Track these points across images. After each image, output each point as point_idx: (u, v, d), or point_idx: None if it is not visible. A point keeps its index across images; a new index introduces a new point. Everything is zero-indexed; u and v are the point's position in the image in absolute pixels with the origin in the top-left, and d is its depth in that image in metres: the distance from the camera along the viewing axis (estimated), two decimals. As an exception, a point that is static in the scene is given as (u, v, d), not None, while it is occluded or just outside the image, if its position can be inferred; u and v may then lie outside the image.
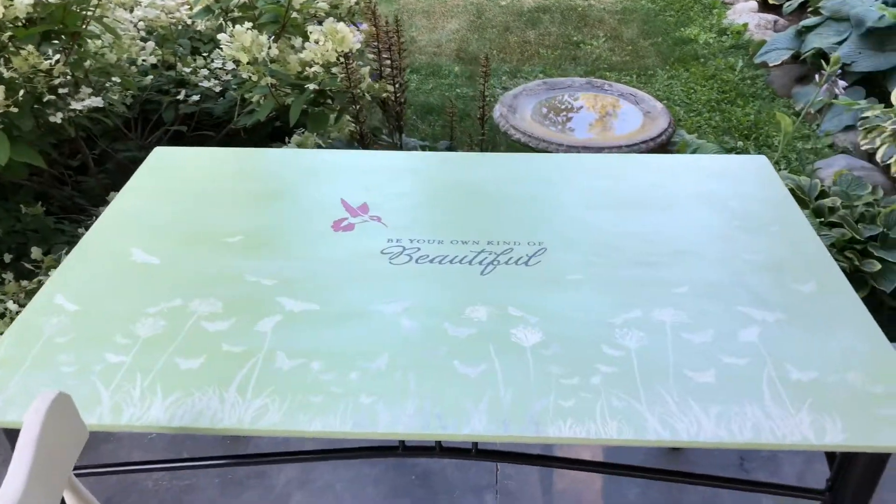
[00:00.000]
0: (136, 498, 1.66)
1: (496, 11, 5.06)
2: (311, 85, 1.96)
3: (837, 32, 3.80)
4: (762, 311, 1.04)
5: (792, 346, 0.98)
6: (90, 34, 2.08)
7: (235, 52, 1.93)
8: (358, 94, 2.05)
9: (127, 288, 1.10)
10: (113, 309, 1.06)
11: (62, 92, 1.87)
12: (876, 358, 0.95)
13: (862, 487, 0.92)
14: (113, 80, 2.28)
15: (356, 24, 2.57)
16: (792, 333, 1.00)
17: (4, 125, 1.79)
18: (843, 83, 2.46)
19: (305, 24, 2.27)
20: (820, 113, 3.51)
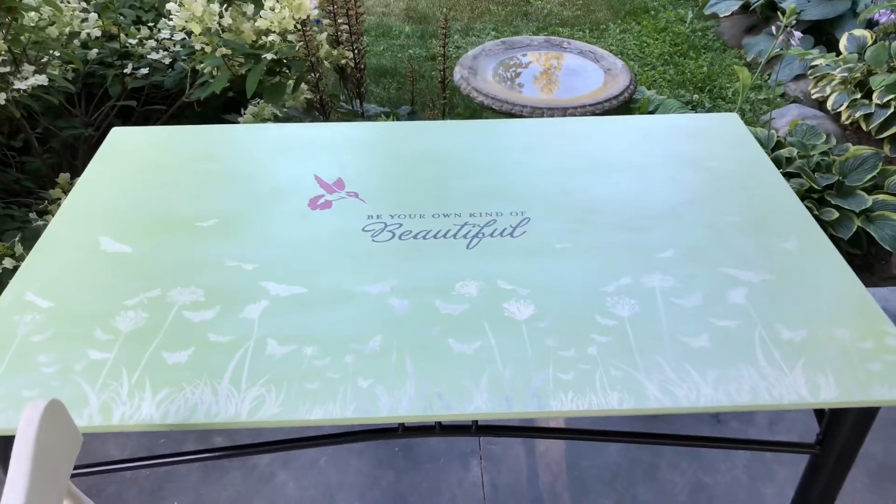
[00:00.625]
0: (114, 489, 1.63)
1: (444, -32, 4.96)
2: (267, 55, 1.89)
3: (786, -19, 3.83)
4: (748, 272, 1.05)
5: (780, 305, 0.99)
6: (27, 7, 1.96)
7: (186, 21, 1.84)
8: (316, 61, 1.99)
9: (101, 280, 1.06)
10: (89, 303, 1.01)
11: (2, 71, 1.77)
12: (862, 313, 0.97)
13: (851, 440, 0.95)
14: (53, 53, 2.16)
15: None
16: (779, 293, 1.01)
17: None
18: (798, 34, 2.49)
19: (256, -11, 2.18)
20: (771, 63, 3.55)
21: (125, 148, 1.37)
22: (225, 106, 2.66)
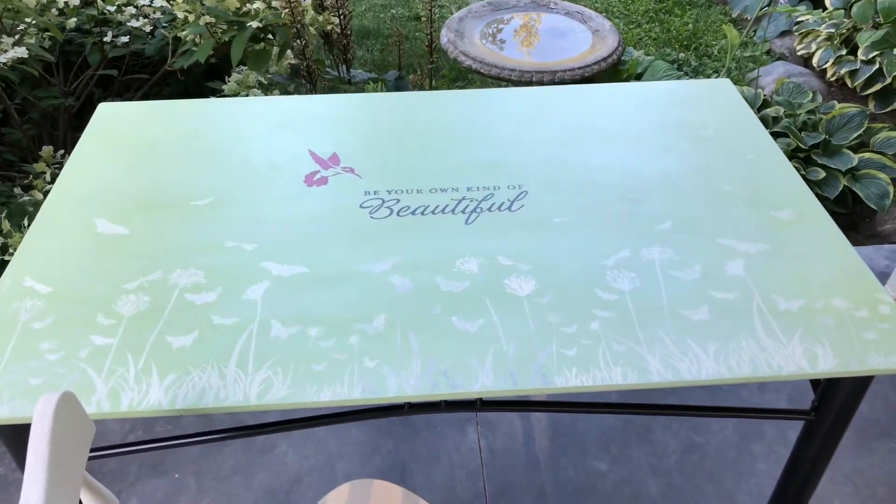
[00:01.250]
0: (115, 463, 1.64)
1: (425, -76, 4.85)
2: (252, 23, 1.85)
3: (771, -65, 3.78)
4: (745, 242, 1.06)
5: (777, 276, 1.01)
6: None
7: (167, -11, 1.80)
8: (301, 28, 1.95)
9: (99, 263, 1.05)
10: (89, 287, 1.01)
11: (-19, 44, 1.72)
12: (856, 283, 0.99)
13: (846, 407, 0.98)
14: (29, 22, 2.11)
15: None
16: (775, 264, 1.03)
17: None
18: (786, -8, 2.47)
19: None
20: (757, 19, 3.53)
21: (114, 124, 1.35)
22: (207, 73, 2.62)
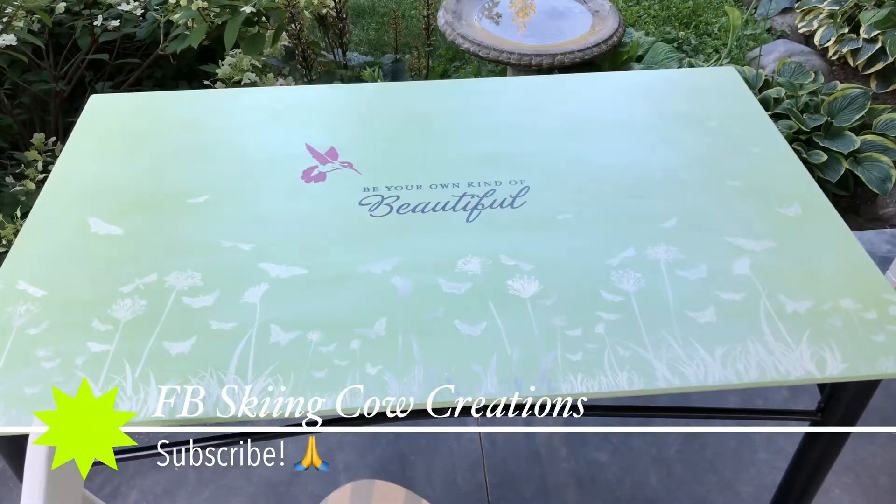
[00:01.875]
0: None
1: None
2: (246, 7, 1.81)
3: None
4: (751, 240, 1.05)
5: (784, 276, 0.99)
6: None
7: (158, -27, 1.75)
8: (296, 12, 1.91)
9: (93, 265, 1.03)
10: (84, 291, 0.99)
11: (-32, 31, 1.68)
12: (865, 283, 0.98)
13: (852, 408, 0.97)
14: (15, 4, 2.06)
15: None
16: (783, 263, 1.01)
17: None
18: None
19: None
20: (758, -4, 3.48)
21: (105, 117, 1.32)
22: (200, 55, 2.57)
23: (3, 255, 1.79)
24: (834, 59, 3.08)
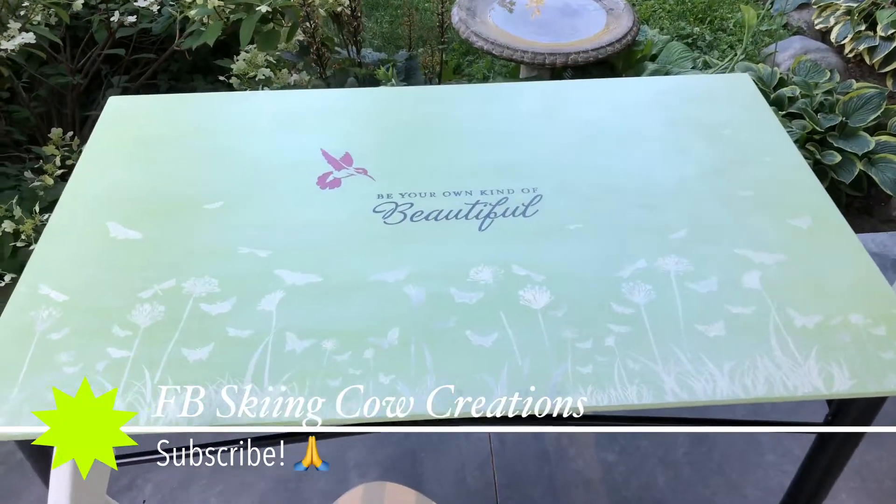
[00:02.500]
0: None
1: None
2: (262, 7, 1.82)
3: None
4: (761, 252, 1.05)
5: (793, 289, 1.00)
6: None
7: (175, -29, 1.76)
8: (312, 10, 1.92)
9: (113, 270, 1.05)
10: (104, 296, 1.01)
11: (-12, 30, 1.70)
12: (874, 297, 0.98)
13: (860, 421, 0.98)
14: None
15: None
16: (793, 276, 1.02)
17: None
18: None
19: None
20: (774, -8, 3.45)
21: (122, 120, 1.34)
22: (215, 50, 2.58)
23: (20, 250, 1.82)
24: (850, 56, 3.06)
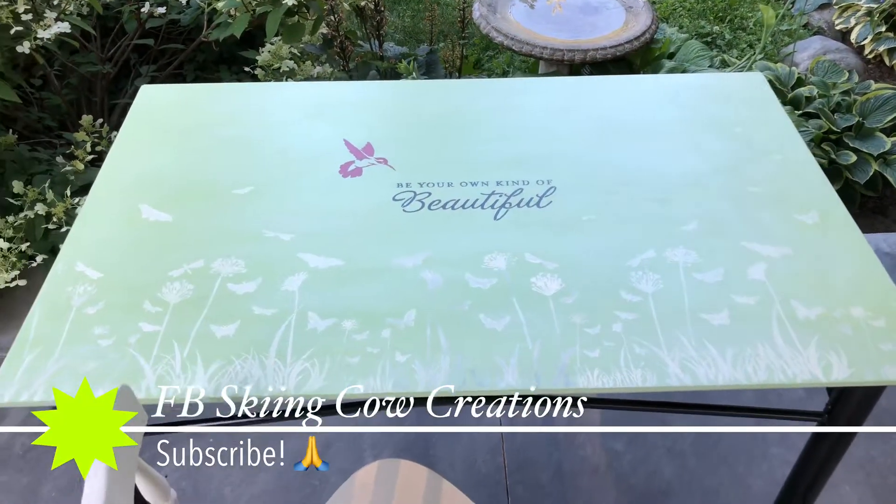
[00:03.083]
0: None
1: None
2: (288, 0, 1.87)
3: None
4: (768, 246, 1.09)
5: (797, 282, 1.03)
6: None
7: (204, -36, 1.82)
8: (336, 3, 1.96)
9: (145, 250, 1.10)
10: (136, 274, 1.07)
11: (26, 20, 1.77)
12: (876, 291, 1.01)
13: (859, 411, 1.01)
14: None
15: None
16: (797, 269, 1.05)
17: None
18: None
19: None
20: (795, -9, 3.45)
21: (154, 108, 1.39)
22: (241, 41, 2.64)
23: (52, 232, 1.89)
24: (870, 57, 3.06)
